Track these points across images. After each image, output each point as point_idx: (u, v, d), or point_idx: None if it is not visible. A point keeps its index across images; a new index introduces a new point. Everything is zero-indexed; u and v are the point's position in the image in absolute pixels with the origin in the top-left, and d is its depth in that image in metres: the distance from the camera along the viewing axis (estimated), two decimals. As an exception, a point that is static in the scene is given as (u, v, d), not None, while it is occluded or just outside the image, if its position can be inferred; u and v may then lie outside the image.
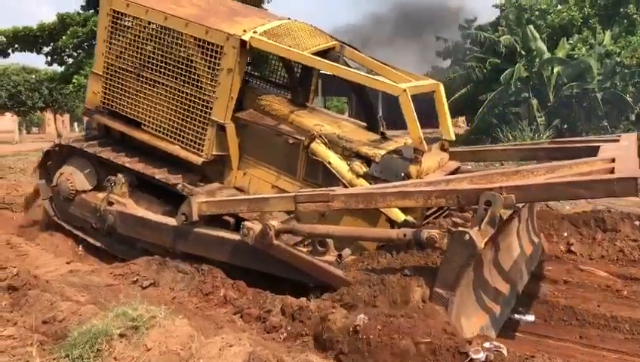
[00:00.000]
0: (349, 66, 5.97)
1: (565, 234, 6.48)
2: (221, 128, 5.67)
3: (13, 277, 4.63)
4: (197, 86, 5.73)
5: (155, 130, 6.03)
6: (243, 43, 5.44)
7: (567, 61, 20.04)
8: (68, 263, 5.99)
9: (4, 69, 39.17)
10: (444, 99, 5.99)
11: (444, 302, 3.68)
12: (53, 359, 3.25)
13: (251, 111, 6.00)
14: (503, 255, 4.79)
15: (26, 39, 22.07)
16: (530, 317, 4.72)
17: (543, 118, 20.05)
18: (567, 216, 6.76)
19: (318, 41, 6.04)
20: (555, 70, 20.18)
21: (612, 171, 3.66)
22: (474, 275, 4.09)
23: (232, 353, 3.25)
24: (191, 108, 5.79)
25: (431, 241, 4.01)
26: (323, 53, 5.90)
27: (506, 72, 20.26)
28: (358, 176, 5.09)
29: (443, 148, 5.99)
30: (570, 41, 20.99)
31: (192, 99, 5.77)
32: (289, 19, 6.37)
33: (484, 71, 21.92)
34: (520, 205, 5.03)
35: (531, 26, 20.86)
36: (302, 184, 5.50)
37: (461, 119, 29.68)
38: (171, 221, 5.45)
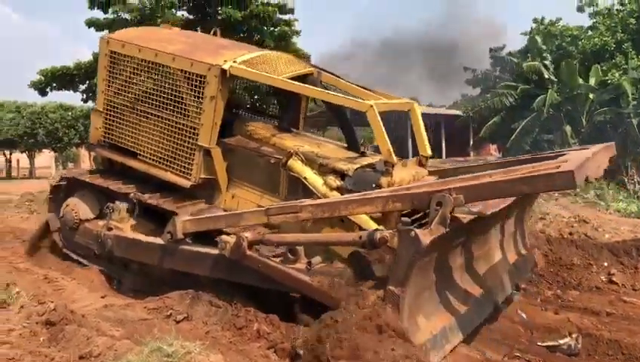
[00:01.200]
0: (328, 90, 6.31)
1: (606, 264, 6.29)
2: (207, 153, 6.03)
3: (50, 312, 4.66)
4: (184, 115, 6.16)
5: (149, 158, 6.47)
6: (223, 72, 5.86)
7: (599, 89, 19.79)
8: (102, 297, 6.02)
9: (42, 107, 40.55)
10: (420, 118, 6.21)
11: (395, 300, 3.78)
12: (90, 395, 3.25)
13: (239, 137, 6.36)
14: (479, 262, 5.01)
15: (64, 78, 22.85)
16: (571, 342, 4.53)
17: (577, 144, 19.73)
18: (607, 245, 6.57)
19: (294, 68, 6.47)
20: (591, 96, 19.91)
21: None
22: (438, 277, 4.28)
23: (267, 390, 3.20)
24: (180, 136, 6.21)
25: (382, 241, 4.13)
26: (302, 79, 6.25)
27: (538, 98, 20.10)
28: (332, 189, 5.25)
29: (421, 164, 6.10)
30: (604, 67, 20.75)
31: (181, 127, 6.19)
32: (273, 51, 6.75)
33: (515, 98, 21.79)
34: (505, 217, 5.42)
35: (569, 59, 20.65)
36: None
37: (493, 147, 29.39)
38: (159, 240, 5.74)
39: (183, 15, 23.85)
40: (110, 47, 6.81)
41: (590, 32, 22.98)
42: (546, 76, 20.92)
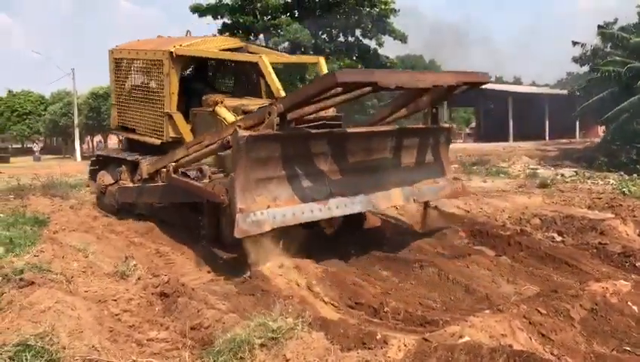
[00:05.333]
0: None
1: None
2: (171, 117, 8.04)
3: (164, 284, 5.02)
4: (155, 91, 8.39)
5: (141, 130, 8.81)
6: (171, 53, 7.96)
7: None
8: (209, 272, 6.35)
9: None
10: (326, 72, 7.73)
11: (232, 180, 5.42)
12: (202, 363, 3.49)
13: (203, 106, 8.00)
14: (358, 173, 6.30)
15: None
16: None
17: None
18: None
19: (225, 44, 8.73)
20: None
21: None
22: (291, 173, 5.73)
23: (367, 368, 3.29)
24: (154, 107, 8.40)
25: (227, 142, 5.71)
26: (234, 52, 8.46)
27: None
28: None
29: None
30: None
31: (154, 101, 8.40)
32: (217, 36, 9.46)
33: (624, 76, 20.22)
34: (397, 144, 6.72)
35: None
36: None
37: (601, 129, 27.59)
38: (137, 184, 8.20)
39: (281, -2, 24.26)
40: (114, 55, 9.37)
41: None
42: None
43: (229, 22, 24.29)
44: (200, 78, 9.21)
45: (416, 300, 5.15)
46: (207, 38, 8.94)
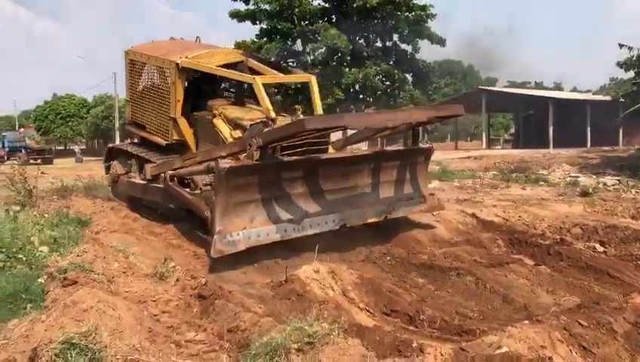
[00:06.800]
0: (258, 73, 8.56)
1: None
2: (175, 121, 8.66)
3: (202, 286, 5.09)
4: (163, 96, 8.97)
5: (149, 128, 9.45)
6: (177, 65, 8.46)
7: None
8: (244, 274, 6.41)
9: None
10: (316, 90, 8.27)
11: (212, 203, 5.96)
12: (239, 366, 3.53)
13: (205, 111, 8.52)
14: (334, 194, 6.85)
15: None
16: None
17: None
18: None
19: (228, 58, 9.04)
20: None
21: None
22: (267, 197, 6.23)
23: (403, 376, 3.27)
24: (161, 110, 9.01)
25: (211, 168, 6.16)
26: (235, 65, 8.80)
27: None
28: (235, 139, 7.31)
29: None
30: None
31: (161, 104, 9.00)
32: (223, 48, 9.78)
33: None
34: (376, 166, 7.26)
35: None
36: None
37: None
38: (142, 181, 8.75)
39: (319, 4, 24.35)
40: (129, 56, 10.00)
41: None
42: None
43: (266, 27, 24.50)
44: (208, 80, 9.47)
45: (453, 309, 5.10)
46: (214, 50, 9.49)
